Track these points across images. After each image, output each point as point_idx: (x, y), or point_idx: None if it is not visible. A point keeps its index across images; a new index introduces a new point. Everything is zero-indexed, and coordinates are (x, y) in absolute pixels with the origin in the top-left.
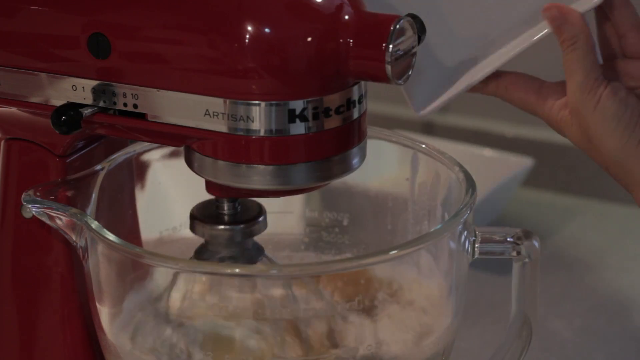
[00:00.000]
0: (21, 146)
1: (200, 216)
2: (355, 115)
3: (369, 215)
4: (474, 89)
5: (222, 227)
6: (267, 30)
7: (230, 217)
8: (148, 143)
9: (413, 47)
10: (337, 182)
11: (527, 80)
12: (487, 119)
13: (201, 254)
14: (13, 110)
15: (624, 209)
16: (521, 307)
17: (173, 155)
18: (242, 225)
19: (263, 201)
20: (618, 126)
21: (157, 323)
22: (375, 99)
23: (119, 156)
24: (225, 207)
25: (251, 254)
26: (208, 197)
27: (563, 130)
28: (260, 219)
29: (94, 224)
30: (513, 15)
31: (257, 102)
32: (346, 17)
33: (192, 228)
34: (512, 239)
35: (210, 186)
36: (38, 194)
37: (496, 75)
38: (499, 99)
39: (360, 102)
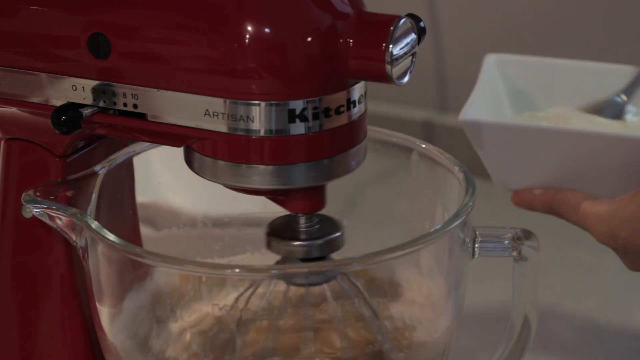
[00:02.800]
0: (21, 146)
1: (276, 232)
2: (356, 115)
3: (369, 215)
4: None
5: (298, 243)
6: (267, 30)
7: (307, 233)
8: (148, 143)
9: (413, 47)
10: (337, 182)
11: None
12: None
13: None
14: (13, 110)
15: None
16: (521, 307)
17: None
18: (319, 241)
19: (263, 200)
20: None
21: (157, 323)
22: (375, 99)
23: (119, 156)
24: (302, 223)
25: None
26: (206, 196)
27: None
28: (338, 234)
29: (94, 224)
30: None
31: (257, 102)
32: (346, 17)
33: (268, 244)
34: (512, 239)
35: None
36: (38, 194)
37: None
38: None
39: (360, 102)
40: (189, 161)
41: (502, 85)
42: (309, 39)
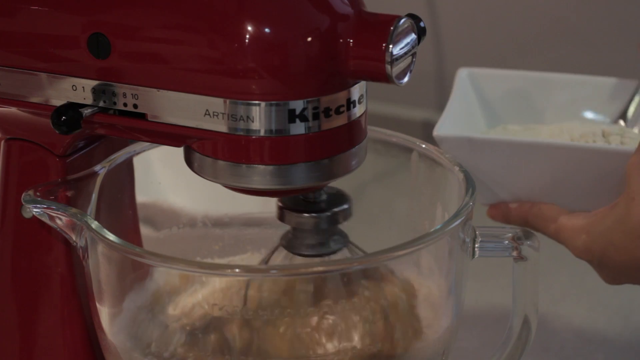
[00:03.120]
0: (21, 146)
1: (288, 204)
2: (356, 115)
3: (369, 215)
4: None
5: (307, 214)
6: (267, 30)
7: (317, 205)
8: (148, 143)
9: (413, 48)
10: (337, 182)
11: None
12: None
13: (288, 241)
14: (13, 110)
15: None
16: (521, 307)
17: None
18: (328, 213)
19: (263, 200)
20: None
21: (157, 323)
22: (375, 99)
23: (119, 156)
24: (312, 196)
25: (336, 240)
26: (206, 196)
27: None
28: (346, 206)
29: (94, 224)
30: None
31: (257, 102)
32: (346, 17)
33: (280, 216)
34: (512, 239)
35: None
36: (38, 194)
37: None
38: None
39: (360, 102)
40: (189, 161)
41: (475, 99)
42: (309, 39)
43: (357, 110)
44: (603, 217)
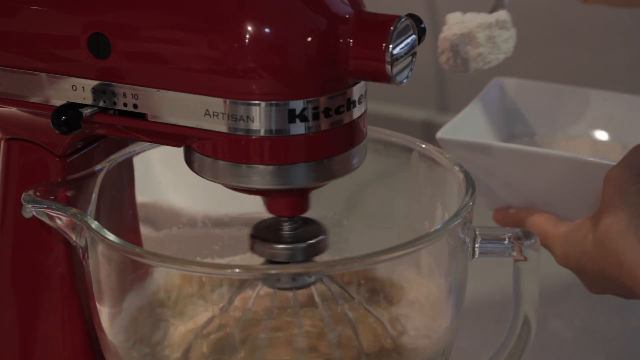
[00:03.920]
0: (21, 146)
1: (260, 235)
2: (356, 115)
3: (369, 215)
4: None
5: (282, 246)
6: (267, 30)
7: (292, 237)
8: (148, 143)
9: (413, 47)
10: (337, 182)
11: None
12: None
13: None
14: (13, 110)
15: None
16: (521, 307)
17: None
18: (303, 245)
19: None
20: None
21: (157, 323)
22: (375, 99)
23: (119, 156)
24: (286, 226)
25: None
26: (206, 196)
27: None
28: (322, 237)
29: (94, 224)
30: None
31: (257, 102)
32: (346, 17)
33: (252, 247)
34: (512, 239)
35: (272, 205)
36: (38, 194)
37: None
38: None
39: (360, 102)
40: (189, 161)
41: (502, 109)
42: (309, 39)
43: (357, 111)
44: (579, 227)
